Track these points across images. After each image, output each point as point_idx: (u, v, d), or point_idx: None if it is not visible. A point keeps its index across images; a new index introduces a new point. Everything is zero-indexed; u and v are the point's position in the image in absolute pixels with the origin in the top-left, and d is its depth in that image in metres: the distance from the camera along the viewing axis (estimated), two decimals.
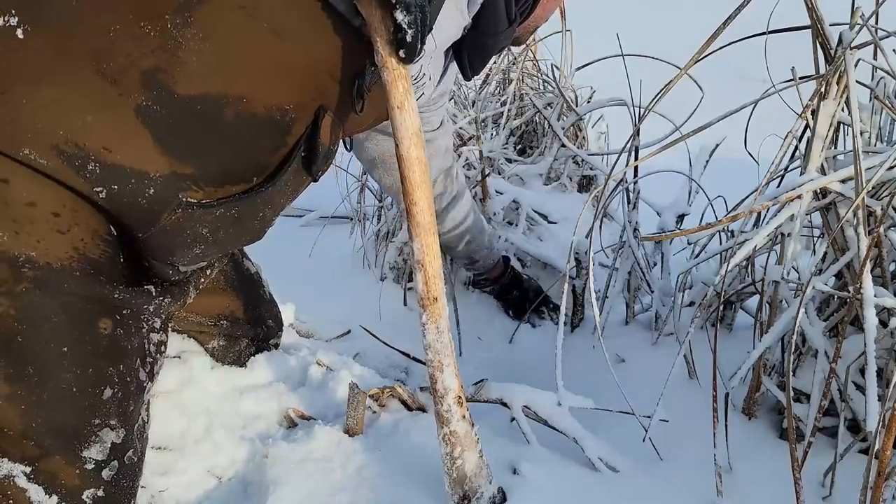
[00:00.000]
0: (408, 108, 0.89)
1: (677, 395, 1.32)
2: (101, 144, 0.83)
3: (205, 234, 0.96)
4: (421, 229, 0.92)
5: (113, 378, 0.90)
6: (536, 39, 2.17)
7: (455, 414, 0.97)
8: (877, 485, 0.96)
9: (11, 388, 0.83)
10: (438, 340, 0.95)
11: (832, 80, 1.11)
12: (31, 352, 0.83)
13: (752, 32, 1.33)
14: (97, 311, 0.89)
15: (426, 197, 0.92)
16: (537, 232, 2.04)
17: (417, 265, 0.93)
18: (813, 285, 1.10)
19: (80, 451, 0.88)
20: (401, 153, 0.90)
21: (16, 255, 0.82)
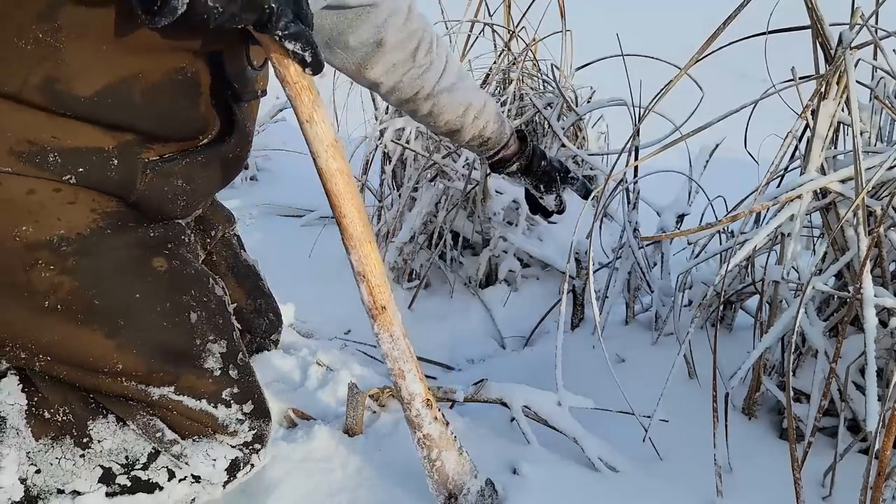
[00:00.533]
0: (318, 120, 0.86)
1: (677, 395, 1.32)
2: (49, 134, 0.88)
3: (181, 185, 1.02)
4: (355, 241, 0.91)
5: (191, 303, 1.00)
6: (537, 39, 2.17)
7: (425, 418, 0.96)
8: (877, 485, 0.96)
9: (116, 341, 0.94)
10: (395, 348, 0.94)
11: (832, 80, 1.11)
12: (113, 308, 0.94)
13: (752, 32, 1.33)
14: (145, 254, 0.98)
15: (355, 206, 0.90)
16: (537, 232, 2.04)
17: (359, 277, 0.92)
18: (813, 285, 1.10)
19: (202, 364, 0.99)
20: (319, 167, 0.89)
21: (48, 239, 0.90)
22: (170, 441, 0.98)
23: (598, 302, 1.68)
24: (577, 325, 1.77)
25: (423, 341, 1.76)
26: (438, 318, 1.90)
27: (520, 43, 2.17)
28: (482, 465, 1.06)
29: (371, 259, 0.91)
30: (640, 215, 1.63)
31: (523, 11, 2.18)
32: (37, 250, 0.90)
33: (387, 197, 2.11)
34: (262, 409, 1.06)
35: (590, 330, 1.72)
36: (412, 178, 1.99)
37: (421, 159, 1.99)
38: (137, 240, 0.97)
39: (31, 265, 0.90)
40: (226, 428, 1.01)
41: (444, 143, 1.99)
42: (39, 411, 0.97)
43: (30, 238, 0.89)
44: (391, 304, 0.93)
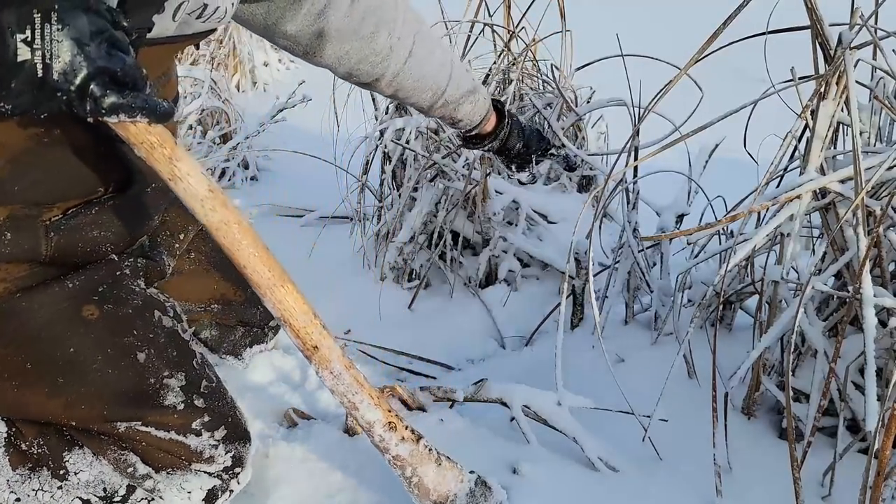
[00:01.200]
0: (182, 176, 0.78)
1: (677, 394, 1.32)
2: None
3: (98, 234, 0.96)
4: (263, 289, 0.84)
5: (135, 343, 0.94)
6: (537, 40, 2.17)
7: (391, 441, 0.93)
8: (876, 484, 0.96)
9: (61, 399, 0.90)
10: (339, 384, 0.90)
11: (832, 80, 1.11)
12: (48, 368, 0.90)
13: (752, 32, 1.33)
14: (73, 305, 0.92)
15: (254, 253, 0.83)
16: (537, 232, 2.04)
17: (280, 321, 0.86)
18: (812, 285, 1.10)
19: (161, 402, 0.94)
20: (201, 223, 0.81)
21: None
22: (142, 476, 0.95)
23: (598, 302, 1.68)
24: (576, 324, 1.77)
25: (423, 341, 1.76)
26: (438, 318, 1.90)
27: (520, 43, 2.17)
28: (482, 465, 1.06)
29: (287, 303, 0.85)
30: (640, 215, 1.63)
31: (523, 12, 2.18)
32: None
33: (387, 197, 2.11)
34: (238, 431, 1.01)
35: (589, 330, 1.72)
36: (412, 178, 1.99)
37: (421, 159, 1.99)
38: (61, 293, 0.92)
39: None
40: (200, 455, 0.97)
41: (445, 143, 1.99)
42: (16, 441, 0.95)
43: None
44: (325, 339, 0.88)
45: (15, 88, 0.67)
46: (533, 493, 1.10)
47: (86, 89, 0.68)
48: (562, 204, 2.07)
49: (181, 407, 0.95)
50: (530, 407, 1.24)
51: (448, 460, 0.99)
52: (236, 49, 4.00)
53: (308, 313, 0.86)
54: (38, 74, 0.67)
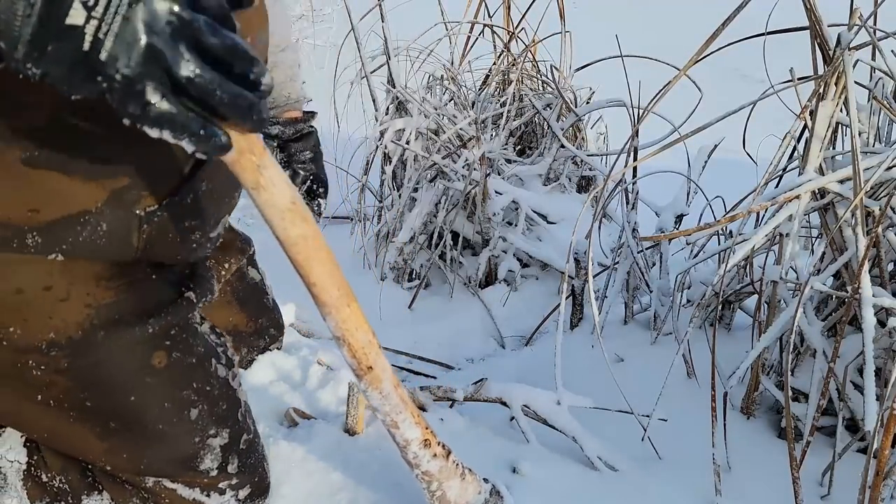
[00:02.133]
0: (266, 185, 0.72)
1: (676, 394, 1.33)
2: (24, 208, 0.75)
3: (190, 223, 0.89)
4: (329, 307, 0.81)
5: (191, 397, 0.91)
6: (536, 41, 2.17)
7: (423, 458, 0.92)
8: (875, 484, 0.96)
9: (107, 444, 0.87)
10: (385, 404, 0.88)
11: (830, 80, 1.11)
12: (106, 411, 0.86)
13: (752, 33, 1.34)
14: (145, 351, 0.87)
15: (325, 271, 0.79)
16: (537, 232, 2.04)
17: (338, 341, 0.83)
18: (811, 285, 1.10)
19: (198, 466, 0.92)
20: (277, 236, 0.76)
21: (36, 344, 0.80)
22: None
23: (598, 302, 1.69)
24: (576, 324, 1.78)
25: (423, 341, 1.77)
26: (438, 318, 1.90)
27: (519, 44, 2.18)
28: (482, 464, 1.06)
29: (350, 322, 0.82)
30: (639, 215, 1.64)
31: (523, 13, 2.18)
32: (26, 353, 0.80)
33: (387, 197, 2.12)
34: (261, 487, 1.00)
35: (589, 329, 1.72)
36: (412, 179, 1.99)
37: (421, 160, 1.99)
38: (137, 338, 0.86)
39: (22, 363, 0.81)
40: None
41: (445, 143, 1.99)
42: (37, 472, 0.93)
43: (18, 341, 0.79)
44: (379, 360, 0.85)
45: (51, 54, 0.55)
46: (533, 493, 1.10)
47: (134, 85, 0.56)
48: (561, 204, 2.07)
49: (214, 473, 0.93)
50: (530, 406, 1.24)
51: (470, 472, 0.99)
52: None
53: (368, 333, 0.84)
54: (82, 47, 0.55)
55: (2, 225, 0.74)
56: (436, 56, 2.22)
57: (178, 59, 0.56)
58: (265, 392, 1.30)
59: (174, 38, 0.56)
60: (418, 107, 2.01)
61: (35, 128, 0.72)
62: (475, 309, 1.92)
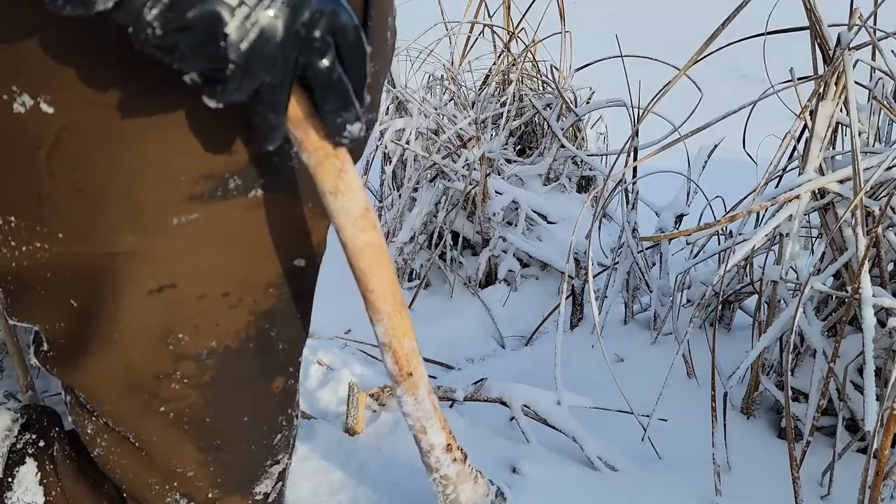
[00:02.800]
0: (344, 191, 0.71)
1: (676, 394, 1.33)
2: (223, 155, 0.69)
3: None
4: (383, 315, 0.81)
5: (282, 423, 0.91)
6: (536, 41, 2.17)
7: (444, 461, 0.93)
8: (875, 484, 0.96)
9: (204, 455, 0.86)
10: (418, 409, 0.89)
11: (830, 80, 1.11)
12: (218, 428, 0.85)
13: (752, 33, 1.34)
14: (272, 373, 0.86)
15: (385, 279, 0.79)
16: (536, 232, 2.04)
17: (384, 347, 0.83)
18: (811, 285, 1.10)
19: (254, 488, 0.91)
20: (343, 241, 0.75)
21: (198, 352, 0.78)
22: None
23: (598, 302, 1.69)
24: (576, 324, 1.78)
25: (423, 341, 1.75)
26: (438, 318, 1.90)
27: (519, 44, 2.18)
28: (482, 464, 1.06)
29: (399, 329, 0.82)
30: (639, 215, 1.64)
31: (523, 13, 2.18)
32: (183, 360, 0.78)
33: (387, 197, 2.12)
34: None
35: (589, 329, 1.72)
36: (412, 179, 1.99)
37: (421, 160, 1.99)
38: (272, 359, 0.85)
39: (166, 374, 0.78)
40: None
41: (445, 143, 1.99)
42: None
43: (183, 348, 0.77)
44: (419, 367, 0.87)
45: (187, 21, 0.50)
46: (533, 493, 1.10)
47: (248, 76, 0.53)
48: (561, 204, 2.07)
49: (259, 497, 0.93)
50: (530, 406, 1.24)
51: (480, 475, 1.00)
52: None
53: (413, 340, 0.85)
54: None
55: (205, 177, 0.69)
56: (436, 56, 2.22)
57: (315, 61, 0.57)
58: None
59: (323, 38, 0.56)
60: (418, 107, 2.01)
61: None
62: (475, 309, 1.92)
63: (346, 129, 0.62)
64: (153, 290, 0.72)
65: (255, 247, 0.76)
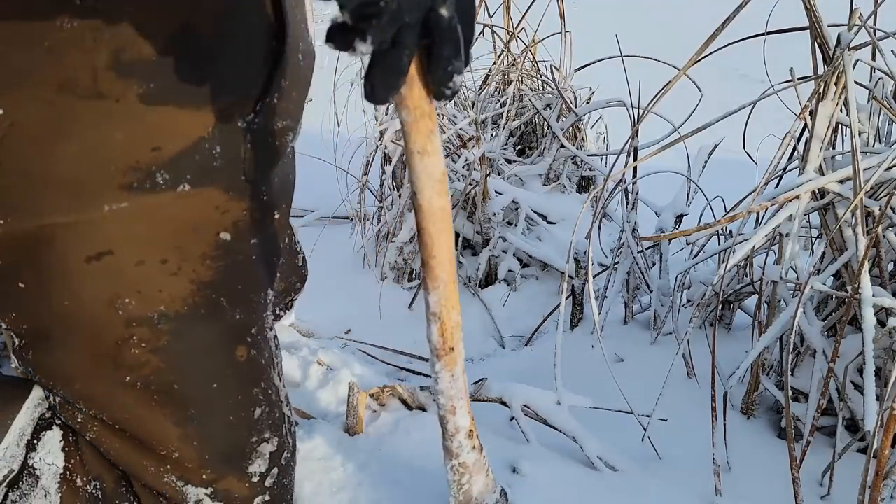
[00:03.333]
0: (431, 152, 0.74)
1: (676, 394, 1.33)
2: (148, 147, 0.77)
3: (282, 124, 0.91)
4: (440, 282, 0.83)
5: (259, 397, 0.94)
6: (536, 40, 2.17)
7: (465, 448, 0.94)
8: (875, 484, 0.96)
9: (183, 430, 0.90)
10: (453, 387, 0.90)
11: (830, 80, 1.11)
12: (189, 396, 0.89)
13: (752, 33, 1.34)
14: (232, 341, 0.91)
15: (447, 248, 0.81)
16: (536, 232, 2.04)
17: (433, 317, 0.85)
18: (811, 285, 1.10)
19: (247, 467, 0.94)
20: (419, 203, 0.77)
21: (149, 315, 0.84)
22: None
23: (598, 302, 1.69)
24: (576, 324, 1.78)
25: (423, 341, 1.75)
26: None
27: (519, 44, 2.17)
28: None
29: (450, 301, 0.84)
30: (639, 215, 1.64)
31: (523, 13, 2.18)
32: (136, 325, 0.83)
33: (387, 197, 2.12)
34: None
35: (589, 329, 1.72)
36: None
37: None
38: (227, 325, 0.91)
39: (124, 340, 0.83)
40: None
41: (444, 143, 1.99)
42: (73, 477, 0.93)
43: (132, 312, 0.82)
44: (459, 344, 0.88)
45: None
46: (533, 493, 1.10)
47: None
48: (561, 204, 2.07)
49: (256, 479, 0.95)
50: (530, 406, 1.24)
51: (490, 470, 1.00)
52: None
53: (459, 315, 0.86)
54: None
55: (133, 169, 0.76)
56: None
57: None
58: None
59: None
60: None
61: (148, 61, 0.74)
62: (475, 309, 1.92)
63: (452, 80, 0.66)
64: (91, 256, 0.79)
65: (185, 223, 0.83)
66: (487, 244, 1.97)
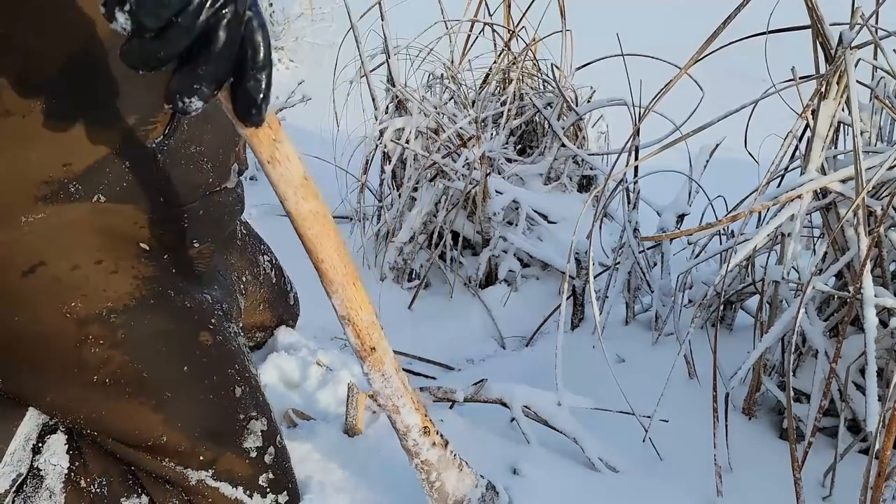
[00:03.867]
0: (280, 159, 0.73)
1: (677, 395, 1.32)
2: (59, 163, 0.82)
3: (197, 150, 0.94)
4: (336, 285, 0.82)
5: (236, 377, 0.98)
6: (537, 39, 2.16)
7: (423, 445, 0.93)
8: (877, 485, 0.96)
9: (163, 414, 0.92)
10: (387, 386, 0.89)
11: (832, 79, 1.11)
12: (161, 381, 0.92)
13: (753, 32, 1.33)
14: (192, 328, 0.95)
15: (334, 248, 0.80)
16: (537, 232, 2.04)
17: (343, 320, 0.84)
18: (813, 285, 1.10)
19: (241, 443, 0.97)
20: (288, 210, 0.78)
21: (98, 312, 0.87)
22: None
23: (598, 302, 1.68)
24: (576, 325, 1.77)
25: (423, 341, 1.76)
26: (438, 318, 1.89)
27: (520, 43, 2.17)
28: (482, 465, 1.06)
29: (356, 301, 0.83)
30: (641, 215, 1.63)
31: (523, 11, 2.17)
32: (88, 325, 0.87)
33: (386, 197, 2.11)
34: (295, 495, 1.04)
35: (590, 330, 1.71)
36: (412, 178, 1.99)
37: (421, 159, 1.99)
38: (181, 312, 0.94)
39: (81, 341, 0.87)
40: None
41: (444, 143, 1.99)
42: (77, 477, 0.95)
43: (80, 313, 0.87)
44: (382, 341, 0.87)
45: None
46: (533, 493, 1.10)
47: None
48: (562, 204, 2.07)
49: (254, 454, 0.97)
50: (530, 407, 1.24)
51: (466, 465, 0.99)
52: None
53: (372, 314, 0.85)
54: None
55: (46, 183, 0.82)
56: (436, 55, 2.21)
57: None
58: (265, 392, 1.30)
59: None
60: (418, 105, 2.01)
61: (53, 81, 0.79)
62: (475, 309, 1.92)
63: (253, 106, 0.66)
64: (26, 271, 0.84)
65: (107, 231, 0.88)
66: (488, 244, 1.96)
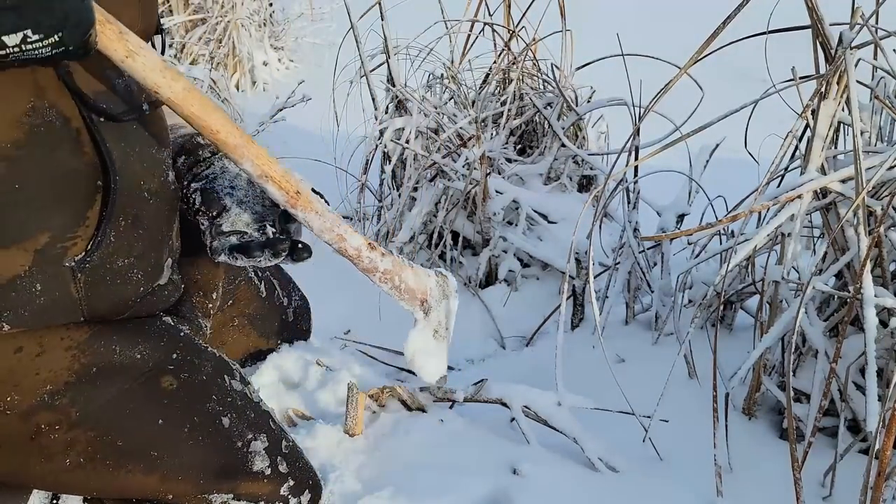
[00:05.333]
0: (135, 50, 0.74)
1: (677, 395, 1.32)
2: None
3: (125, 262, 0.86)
4: (241, 148, 0.83)
5: (217, 408, 0.93)
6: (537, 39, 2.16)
7: (377, 259, 0.96)
8: (877, 485, 0.96)
9: (158, 474, 0.88)
10: (325, 221, 0.91)
11: (832, 79, 1.11)
12: (140, 444, 0.87)
13: (753, 32, 1.33)
14: (150, 379, 0.88)
15: (221, 117, 0.82)
16: (537, 232, 2.04)
17: (262, 179, 0.85)
18: (813, 285, 1.10)
19: (251, 468, 0.94)
20: (167, 97, 0.78)
21: (39, 400, 0.81)
22: None
23: (599, 302, 1.68)
24: (577, 325, 1.77)
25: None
26: None
27: (520, 42, 2.17)
28: (482, 465, 1.06)
29: (262, 156, 0.85)
30: (641, 215, 1.63)
31: (523, 11, 2.17)
32: (33, 416, 0.81)
33: (387, 197, 2.11)
34: (317, 490, 1.02)
35: (590, 330, 1.71)
36: (412, 178, 1.99)
37: (421, 159, 1.99)
38: (137, 368, 0.87)
39: (35, 433, 0.81)
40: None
41: (444, 143, 1.99)
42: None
43: (21, 406, 0.80)
44: (302, 185, 0.89)
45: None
46: (533, 493, 1.10)
47: None
48: (562, 203, 2.06)
49: (269, 472, 0.95)
50: (530, 407, 1.24)
51: (416, 264, 1.04)
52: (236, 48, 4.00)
53: (278, 163, 0.87)
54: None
55: None
56: (436, 54, 2.21)
57: None
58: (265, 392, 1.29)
59: None
60: (418, 105, 2.01)
61: None
62: (475, 309, 1.92)
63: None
64: None
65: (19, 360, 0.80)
66: (488, 244, 1.96)
